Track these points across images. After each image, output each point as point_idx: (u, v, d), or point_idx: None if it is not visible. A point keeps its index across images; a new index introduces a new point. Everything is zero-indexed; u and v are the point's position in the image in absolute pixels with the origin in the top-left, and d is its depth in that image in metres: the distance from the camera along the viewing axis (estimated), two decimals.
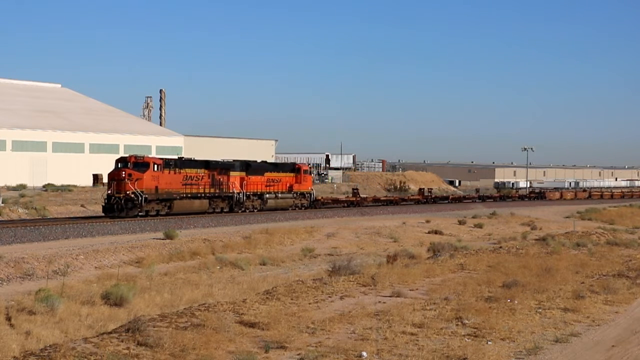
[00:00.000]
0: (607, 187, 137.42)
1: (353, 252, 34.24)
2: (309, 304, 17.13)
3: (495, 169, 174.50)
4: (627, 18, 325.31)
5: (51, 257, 27.15)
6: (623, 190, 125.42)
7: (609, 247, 32.70)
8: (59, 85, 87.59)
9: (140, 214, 42.94)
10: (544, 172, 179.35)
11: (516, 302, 17.81)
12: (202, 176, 48.22)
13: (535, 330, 15.08)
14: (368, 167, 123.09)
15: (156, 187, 44.06)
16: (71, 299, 19.62)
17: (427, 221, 51.21)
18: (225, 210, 50.21)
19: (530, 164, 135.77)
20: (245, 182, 51.77)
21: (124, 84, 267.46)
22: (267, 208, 53.94)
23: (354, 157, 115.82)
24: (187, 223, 42.74)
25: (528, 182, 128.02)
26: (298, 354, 12.69)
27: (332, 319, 15.33)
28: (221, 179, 49.73)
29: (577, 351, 13.79)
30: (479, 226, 50.80)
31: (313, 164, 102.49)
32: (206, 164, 49.34)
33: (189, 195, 46.86)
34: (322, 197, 65.38)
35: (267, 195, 54.29)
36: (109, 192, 43.49)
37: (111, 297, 19.53)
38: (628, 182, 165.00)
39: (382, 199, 73.93)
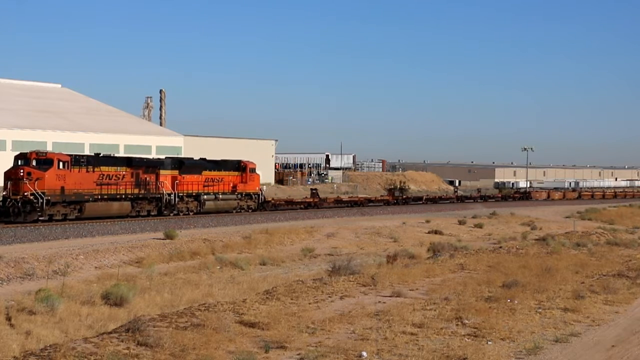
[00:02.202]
0: (598, 187, 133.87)
1: (353, 252, 34.24)
2: (309, 304, 17.13)
3: (495, 169, 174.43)
4: (627, 18, 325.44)
5: (51, 257, 27.15)
6: (616, 190, 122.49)
7: (609, 247, 32.73)
8: (59, 85, 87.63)
9: (41, 218, 38.16)
10: (544, 172, 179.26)
11: (516, 302, 17.82)
12: (124, 175, 43.44)
13: (535, 330, 15.08)
14: (368, 167, 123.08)
15: (62, 188, 39.20)
16: (71, 299, 19.61)
17: (427, 221, 51.20)
18: (152, 213, 45.37)
19: (530, 164, 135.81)
20: (178, 181, 46.88)
21: (124, 84, 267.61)
22: (205, 211, 48.84)
23: (354, 157, 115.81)
24: (187, 223, 42.75)
25: (528, 182, 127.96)
26: (298, 354, 12.69)
27: (332, 319, 15.33)
28: (148, 179, 45.00)
29: (577, 351, 13.80)
30: (479, 226, 50.79)
31: (313, 164, 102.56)
32: (128, 161, 44.65)
33: (106, 196, 41.94)
34: (273, 199, 60.76)
35: (205, 197, 49.18)
36: (4, 193, 38.78)
37: (111, 297, 19.52)
38: (628, 182, 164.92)
39: (345, 199, 68.61)
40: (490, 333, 14.57)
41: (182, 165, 48.14)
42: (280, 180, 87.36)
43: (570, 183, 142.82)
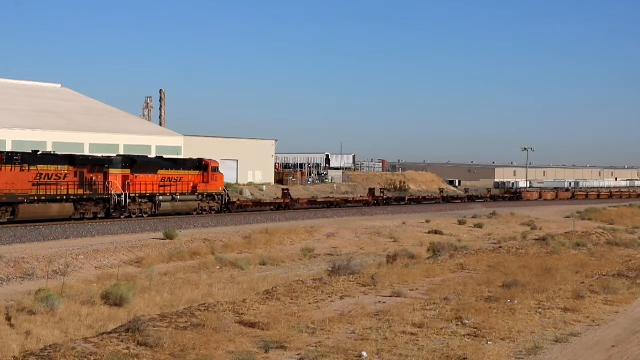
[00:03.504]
0: (593, 188, 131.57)
1: (353, 252, 34.23)
2: (309, 304, 17.13)
3: (495, 169, 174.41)
4: (627, 18, 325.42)
5: (51, 257, 27.16)
6: (611, 190, 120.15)
7: (609, 247, 32.74)
8: (59, 85, 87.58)
9: None
10: (544, 172, 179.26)
11: (516, 302, 17.82)
12: (65, 174, 40.00)
13: (535, 330, 15.09)
14: (368, 167, 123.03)
15: None
16: (71, 299, 19.62)
17: (427, 221, 51.21)
18: (100, 216, 42.07)
19: (530, 164, 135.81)
20: (130, 181, 43.55)
21: (124, 84, 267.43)
22: (162, 213, 45.53)
23: (354, 157, 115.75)
24: (187, 223, 42.76)
25: (528, 182, 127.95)
26: (298, 354, 12.69)
27: (332, 319, 15.33)
28: (94, 178, 41.58)
29: (577, 351, 13.80)
30: (479, 226, 50.80)
31: (313, 164, 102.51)
32: (71, 159, 41.13)
33: (44, 197, 38.48)
34: (239, 199, 57.09)
35: (161, 198, 45.70)
36: None
37: (111, 297, 19.52)
38: (628, 182, 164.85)
39: (320, 200, 64.97)
40: (490, 333, 14.58)
41: (135, 163, 44.67)
42: (280, 180, 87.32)
43: (570, 183, 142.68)
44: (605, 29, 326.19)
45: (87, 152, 61.73)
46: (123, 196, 43.03)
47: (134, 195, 43.96)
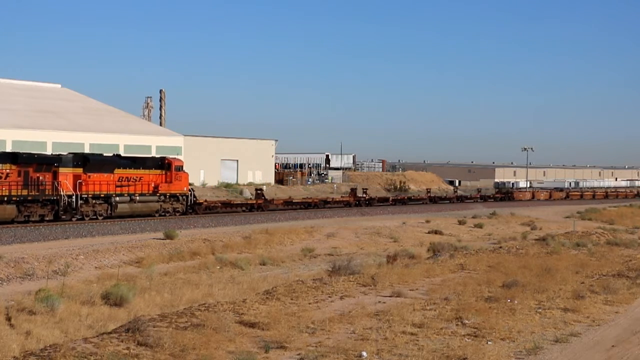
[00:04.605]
0: (588, 188, 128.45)
1: (353, 252, 34.25)
2: (309, 304, 17.14)
3: (495, 169, 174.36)
4: (627, 17, 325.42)
5: (51, 257, 27.17)
6: (607, 190, 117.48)
7: (609, 247, 32.73)
8: (59, 85, 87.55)
9: None
10: (544, 172, 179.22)
11: (516, 302, 17.83)
12: (8, 173, 37.33)
13: (535, 330, 15.09)
14: (368, 167, 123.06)
15: None
16: (71, 299, 19.62)
17: (427, 221, 51.23)
18: (47, 218, 39.00)
19: (530, 164, 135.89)
20: (82, 181, 40.60)
21: (124, 84, 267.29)
22: (118, 214, 42.65)
23: (354, 157, 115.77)
24: (187, 223, 42.80)
25: (528, 182, 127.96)
26: (298, 354, 12.70)
27: (332, 319, 15.33)
28: (41, 178, 38.75)
29: (577, 351, 13.80)
30: (479, 226, 50.82)
31: (313, 164, 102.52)
32: (14, 158, 38.39)
33: None
34: (206, 200, 52.94)
35: (118, 199, 42.73)
36: None
37: (111, 297, 19.54)
38: (628, 182, 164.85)
39: (297, 201, 61.83)
40: (490, 333, 14.58)
41: (87, 162, 41.61)
42: (280, 180, 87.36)
43: (570, 183, 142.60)
44: (605, 28, 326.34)
45: (87, 152, 61.49)
46: (74, 197, 40.09)
47: (86, 195, 40.93)
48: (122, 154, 52.21)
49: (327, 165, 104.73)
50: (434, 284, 20.48)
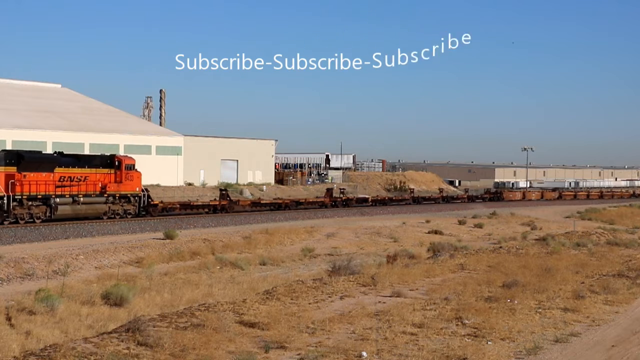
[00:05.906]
0: (582, 188, 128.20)
1: (353, 252, 34.24)
2: (309, 304, 17.14)
3: (495, 169, 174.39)
4: (627, 18, 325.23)
5: (51, 257, 27.17)
6: (602, 190, 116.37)
7: (609, 247, 32.72)
8: (59, 85, 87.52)
9: None
10: (544, 172, 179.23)
11: (516, 302, 17.83)
12: None
13: (535, 330, 15.09)
14: (368, 167, 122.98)
15: None
16: (71, 299, 19.63)
17: (427, 221, 51.24)
18: None
19: (530, 164, 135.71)
20: (16, 181, 36.69)
21: (124, 84, 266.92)
22: (59, 217, 38.69)
23: (354, 157, 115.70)
24: (187, 223, 42.81)
25: (528, 182, 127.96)
26: (298, 354, 12.70)
27: (332, 319, 15.33)
28: None
29: (577, 351, 13.80)
30: (479, 226, 50.82)
31: (313, 164, 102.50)
32: None
33: None
34: (162, 201, 48.69)
35: (58, 200, 38.72)
36: None
37: (111, 297, 19.54)
38: (628, 182, 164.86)
39: (266, 202, 57.97)
40: (490, 333, 14.58)
41: (22, 159, 37.39)
42: (280, 180, 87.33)
43: (570, 183, 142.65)
44: (605, 29, 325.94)
45: (87, 152, 61.39)
46: (6, 198, 36.24)
47: (20, 197, 36.92)
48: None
49: (327, 165, 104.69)
50: (434, 284, 20.48)
